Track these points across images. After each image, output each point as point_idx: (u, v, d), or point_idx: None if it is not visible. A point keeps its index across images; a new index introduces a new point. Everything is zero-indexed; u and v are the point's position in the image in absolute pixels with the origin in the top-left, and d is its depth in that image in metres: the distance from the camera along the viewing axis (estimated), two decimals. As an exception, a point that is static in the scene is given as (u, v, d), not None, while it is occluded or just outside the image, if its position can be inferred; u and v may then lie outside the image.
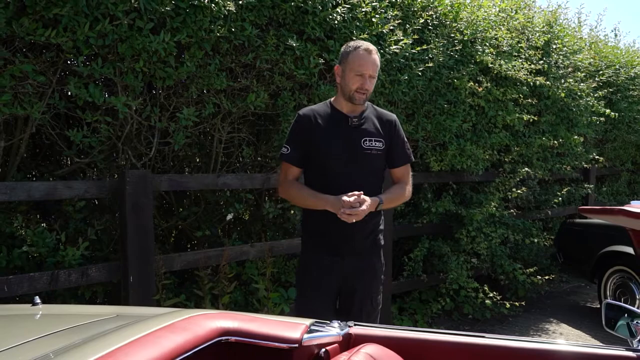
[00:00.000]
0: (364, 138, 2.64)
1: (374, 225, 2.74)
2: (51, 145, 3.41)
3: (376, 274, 2.79)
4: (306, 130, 2.65)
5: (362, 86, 2.57)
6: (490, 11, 5.28)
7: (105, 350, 1.32)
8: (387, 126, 2.73)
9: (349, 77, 2.59)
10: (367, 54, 2.57)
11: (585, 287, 6.75)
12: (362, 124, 2.66)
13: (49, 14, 2.65)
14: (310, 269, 2.74)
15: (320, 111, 2.70)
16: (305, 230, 2.81)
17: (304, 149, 2.66)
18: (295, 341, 1.61)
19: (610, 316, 1.91)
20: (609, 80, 7.31)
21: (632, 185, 8.72)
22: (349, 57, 2.59)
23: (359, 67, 2.55)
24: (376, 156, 2.67)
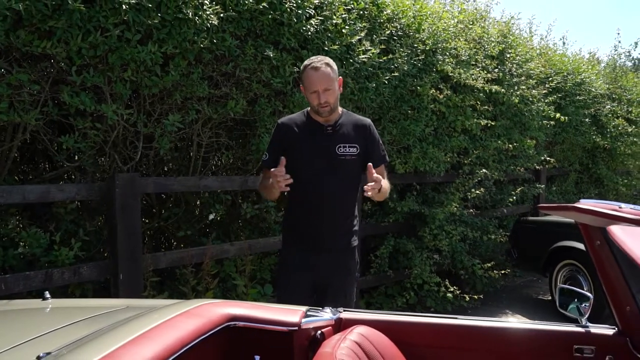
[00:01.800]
0: (338, 145, 2.76)
1: (349, 225, 2.88)
2: (40, 150, 3.54)
3: (350, 271, 2.89)
4: (284, 138, 2.80)
5: (319, 102, 2.67)
6: (449, 22, 5.62)
7: (136, 333, 1.53)
8: (361, 131, 2.84)
9: (308, 95, 2.73)
10: (313, 72, 2.67)
11: (537, 280, 7.17)
12: (337, 131, 2.78)
13: (45, 26, 2.80)
14: (288, 265, 2.89)
15: (297, 120, 2.84)
16: (284, 227, 2.98)
17: (280, 156, 2.69)
18: (294, 325, 1.85)
19: (563, 299, 2.21)
20: (558, 87, 7.79)
21: (579, 185, 9.25)
22: (302, 78, 2.74)
23: (310, 85, 2.67)
24: (351, 162, 2.78)
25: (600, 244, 1.95)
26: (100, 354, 1.36)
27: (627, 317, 1.93)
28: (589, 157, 9.20)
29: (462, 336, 2.04)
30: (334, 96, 2.72)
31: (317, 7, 4.10)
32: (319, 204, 2.76)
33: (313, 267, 2.80)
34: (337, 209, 2.80)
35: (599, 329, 1.98)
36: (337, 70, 2.77)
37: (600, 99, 8.84)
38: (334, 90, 2.71)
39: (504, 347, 2.00)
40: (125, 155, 3.55)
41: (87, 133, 3.21)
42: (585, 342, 1.94)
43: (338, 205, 2.82)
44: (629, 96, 9.72)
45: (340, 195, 2.81)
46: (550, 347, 1.97)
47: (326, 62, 2.72)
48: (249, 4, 3.61)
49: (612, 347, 1.93)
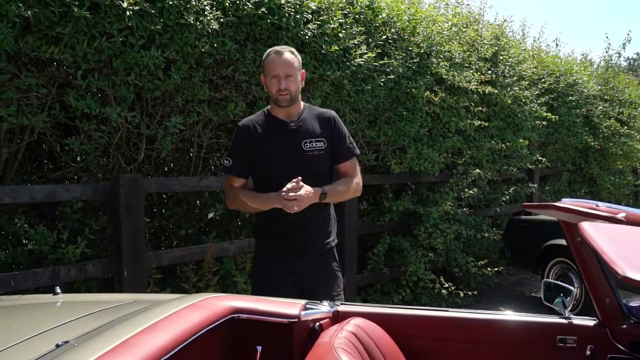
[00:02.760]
0: (304, 140, 2.63)
1: (325, 225, 2.76)
2: (44, 152, 3.65)
3: (333, 274, 2.78)
4: (246, 140, 2.67)
5: (279, 87, 2.55)
6: (443, 26, 5.75)
7: (147, 323, 1.64)
8: (326, 124, 2.71)
9: (268, 82, 2.61)
10: (277, 56, 2.57)
11: (530, 278, 7.30)
12: (300, 126, 2.65)
13: (52, 32, 2.91)
14: (265, 272, 2.74)
15: (258, 120, 2.71)
16: (258, 234, 2.85)
17: (246, 160, 2.68)
18: (294, 317, 1.97)
19: (548, 294, 2.33)
20: (550, 88, 7.94)
21: (572, 184, 9.40)
22: (264, 64, 2.62)
23: (272, 70, 2.56)
24: (319, 157, 2.66)
25: (580, 240, 2.07)
26: (115, 342, 1.47)
27: (607, 309, 2.06)
28: (582, 157, 9.35)
29: (452, 328, 2.16)
30: (296, 85, 2.61)
31: (315, 12, 4.22)
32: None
33: (293, 274, 2.66)
34: (308, 209, 2.53)
35: (580, 320, 2.11)
36: (300, 62, 2.67)
37: (593, 99, 8.99)
38: (296, 78, 2.61)
39: (493, 338, 2.12)
40: (128, 156, 3.66)
41: (92, 135, 3.32)
42: (568, 333, 2.06)
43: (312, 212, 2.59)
44: (620, 97, 9.88)
45: None
46: (535, 337, 2.09)
47: (290, 49, 2.64)
48: (248, 9, 3.72)
49: (593, 337, 2.05)
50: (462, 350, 2.16)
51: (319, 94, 4.30)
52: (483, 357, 2.14)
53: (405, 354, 2.06)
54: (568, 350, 2.05)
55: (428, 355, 2.15)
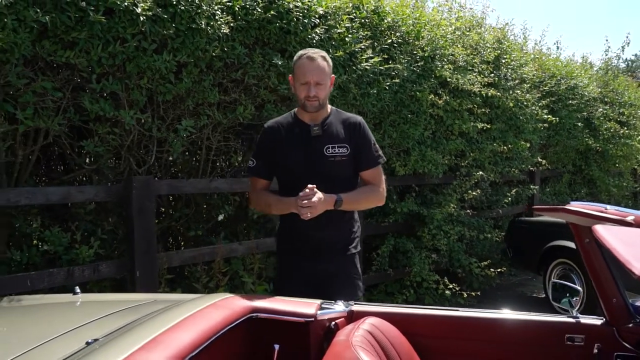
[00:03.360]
0: (327, 145, 2.59)
1: (347, 231, 2.73)
2: (55, 154, 3.71)
3: (352, 281, 2.73)
4: (270, 142, 2.67)
5: (308, 94, 2.51)
6: (447, 29, 5.82)
7: (173, 322, 1.70)
8: (351, 130, 2.66)
9: (297, 87, 2.56)
10: (309, 62, 2.51)
11: (531, 279, 7.36)
12: (325, 131, 2.62)
13: (68, 37, 2.97)
14: (286, 275, 2.76)
15: (284, 122, 2.70)
16: (279, 235, 2.85)
17: (269, 161, 2.67)
18: (311, 316, 2.03)
19: (556, 294, 2.40)
20: (551, 91, 8.01)
21: (573, 186, 9.46)
22: (295, 68, 2.57)
23: (302, 76, 2.51)
24: (341, 163, 2.61)
25: (589, 242, 2.14)
26: (145, 339, 1.53)
27: (614, 309, 2.12)
28: (582, 159, 9.41)
29: (463, 327, 2.23)
30: (325, 92, 2.57)
31: (322, 17, 4.28)
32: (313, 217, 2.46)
33: (313, 277, 2.65)
34: (330, 214, 2.51)
35: (588, 319, 2.17)
36: (331, 66, 2.63)
37: (593, 102, 9.06)
38: (326, 85, 2.57)
39: (503, 337, 2.18)
40: (139, 159, 3.71)
41: (105, 137, 3.37)
42: (575, 332, 2.12)
43: (333, 217, 2.57)
44: (620, 99, 9.95)
45: None
46: (544, 335, 2.16)
47: (323, 55, 2.58)
48: (258, 13, 3.79)
49: (600, 336, 2.11)
50: (472, 348, 2.22)
51: (326, 97, 4.36)
52: (493, 355, 2.20)
53: (417, 352, 2.12)
54: (576, 349, 2.11)
55: (439, 353, 2.21)
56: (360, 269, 2.82)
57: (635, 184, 11.22)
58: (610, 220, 1.82)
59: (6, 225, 3.27)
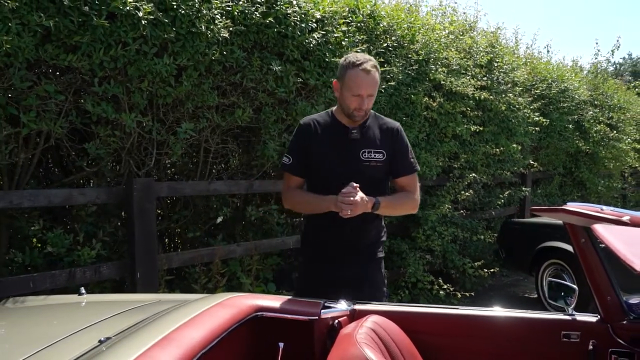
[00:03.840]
0: (363, 150, 2.55)
1: (374, 236, 2.71)
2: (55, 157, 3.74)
3: (378, 286, 2.71)
4: (306, 139, 2.61)
5: (359, 107, 2.47)
6: (441, 33, 5.90)
7: (182, 320, 1.75)
8: (388, 135, 2.62)
9: (346, 96, 2.48)
10: (364, 75, 2.42)
11: (523, 280, 7.45)
12: (363, 135, 2.58)
13: (71, 41, 3.01)
14: (310, 278, 2.74)
15: (320, 121, 2.64)
16: (305, 240, 2.80)
17: (304, 159, 2.62)
18: (315, 314, 2.08)
19: (552, 293, 2.46)
20: (543, 94, 8.13)
21: (563, 188, 9.58)
22: (346, 76, 2.46)
23: (357, 88, 2.43)
24: (376, 168, 2.58)
25: (585, 242, 2.21)
26: (157, 337, 1.58)
27: (608, 306, 2.19)
28: (572, 161, 9.53)
29: (463, 324, 2.29)
30: (372, 102, 2.53)
31: (319, 21, 4.35)
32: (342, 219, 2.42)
33: (337, 281, 2.59)
34: (361, 218, 2.48)
35: (583, 316, 2.24)
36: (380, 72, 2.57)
37: (583, 105, 9.19)
38: (375, 95, 2.53)
39: (501, 334, 2.25)
40: (138, 161, 3.75)
41: (107, 140, 3.41)
42: (571, 329, 2.19)
43: (362, 214, 2.50)
44: (610, 102, 10.09)
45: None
46: (542, 332, 2.23)
47: (375, 64, 2.49)
48: (256, 18, 3.84)
49: (595, 333, 2.19)
50: (471, 345, 2.28)
51: (323, 100, 4.43)
52: (491, 351, 2.27)
53: (418, 349, 2.18)
54: (572, 345, 2.18)
55: (439, 350, 2.27)
56: (384, 274, 2.80)
57: (624, 186, 11.37)
58: (607, 220, 1.89)
59: (8, 227, 3.30)
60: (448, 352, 2.28)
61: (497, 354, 2.26)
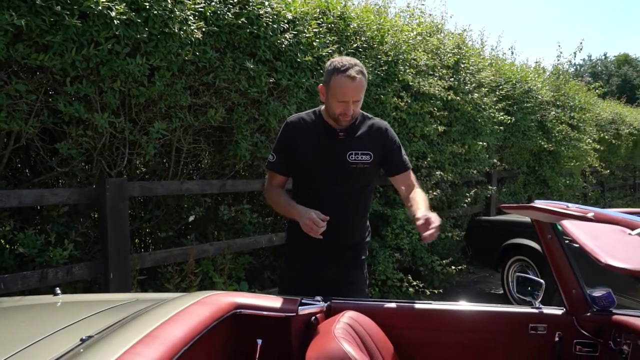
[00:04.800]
0: (350, 152, 2.54)
1: (357, 237, 2.73)
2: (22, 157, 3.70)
3: (360, 288, 2.72)
4: (292, 138, 2.60)
5: (345, 112, 2.43)
6: (409, 35, 6.00)
7: (163, 319, 1.78)
8: (376, 136, 2.61)
9: (332, 102, 2.44)
10: (349, 81, 2.36)
11: (489, 276, 7.64)
12: (349, 137, 2.56)
13: (43, 40, 2.99)
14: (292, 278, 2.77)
15: (307, 120, 2.61)
16: (288, 237, 2.81)
17: (288, 158, 2.61)
18: (292, 311, 2.13)
19: (520, 287, 2.57)
20: (507, 94, 8.32)
21: (527, 186, 9.82)
22: (332, 82, 2.41)
23: (342, 95, 2.39)
24: (363, 170, 2.57)
25: (551, 238, 2.32)
26: (140, 334, 1.60)
27: (573, 299, 2.31)
28: (536, 160, 9.78)
29: (434, 318, 2.37)
30: (359, 106, 2.49)
31: (291, 22, 4.39)
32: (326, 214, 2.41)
33: (318, 282, 2.62)
34: (345, 219, 2.55)
35: (550, 309, 2.35)
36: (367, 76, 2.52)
37: (546, 105, 9.44)
38: (361, 100, 2.47)
39: (471, 327, 2.34)
40: (110, 161, 3.73)
41: (79, 140, 3.39)
42: (538, 321, 2.30)
43: (347, 216, 2.59)
44: (571, 103, 10.39)
45: (350, 205, 2.62)
46: (510, 325, 2.33)
47: (361, 69, 2.43)
48: (229, 18, 3.87)
49: (561, 324, 2.30)
50: (443, 338, 2.37)
51: (295, 100, 4.47)
52: (462, 344, 2.36)
53: (392, 343, 2.25)
54: (539, 337, 2.29)
55: (412, 344, 2.35)
56: (366, 275, 2.81)
57: (585, 185, 11.72)
58: (574, 216, 2.00)
59: (-23, 228, 3.26)
60: (421, 345, 2.36)
61: (468, 346, 2.35)
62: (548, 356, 2.29)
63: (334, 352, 1.78)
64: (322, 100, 2.56)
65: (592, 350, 2.27)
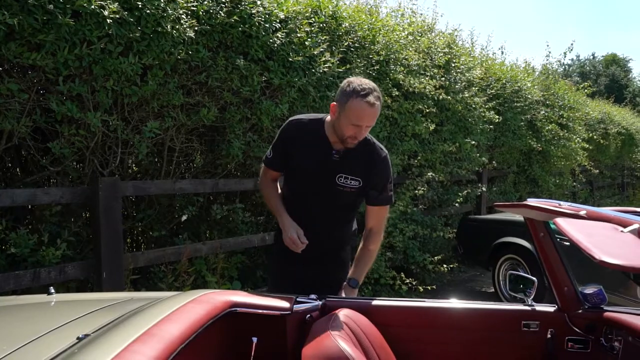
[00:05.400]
0: (340, 174, 2.54)
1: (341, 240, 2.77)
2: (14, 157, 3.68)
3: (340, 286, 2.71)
4: (290, 140, 2.60)
5: (355, 136, 2.40)
6: (400, 34, 6.03)
7: (160, 316, 1.78)
8: (371, 164, 2.58)
9: (344, 123, 2.38)
10: (368, 107, 2.33)
11: (480, 275, 7.69)
12: (344, 159, 2.54)
13: (35, 39, 2.98)
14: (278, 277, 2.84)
15: (310, 127, 2.58)
16: (276, 235, 2.82)
17: (283, 157, 2.65)
18: (288, 309, 2.14)
19: (512, 285, 2.59)
20: (497, 93, 8.38)
21: (517, 185, 9.89)
22: (348, 104, 2.35)
23: (357, 119, 2.34)
24: (349, 194, 2.58)
25: (544, 236, 2.35)
26: (137, 332, 1.61)
27: (565, 297, 2.33)
28: (525, 159, 9.85)
29: (429, 316, 2.39)
30: (368, 130, 2.47)
31: (283, 21, 4.40)
32: (309, 225, 2.56)
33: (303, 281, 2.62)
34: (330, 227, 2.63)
35: (542, 307, 2.38)
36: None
37: (536, 105, 9.51)
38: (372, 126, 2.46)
39: (465, 324, 2.36)
40: (102, 160, 3.72)
41: (71, 139, 3.38)
42: (531, 318, 2.33)
43: (328, 230, 2.66)
44: (560, 102, 10.46)
45: (334, 221, 2.68)
46: (503, 322, 2.35)
47: (379, 96, 2.43)
48: (221, 17, 3.87)
49: (553, 322, 2.32)
50: (437, 335, 2.39)
51: (287, 99, 4.47)
52: (455, 341, 2.38)
53: (387, 340, 2.27)
54: (531, 334, 2.31)
55: (406, 341, 2.37)
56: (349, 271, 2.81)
57: (574, 184, 11.81)
58: (567, 215, 2.02)
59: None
60: (415, 342, 2.38)
61: (462, 343, 2.37)
62: (540, 353, 2.32)
63: (331, 350, 1.79)
64: (332, 118, 2.51)
65: (584, 347, 2.30)
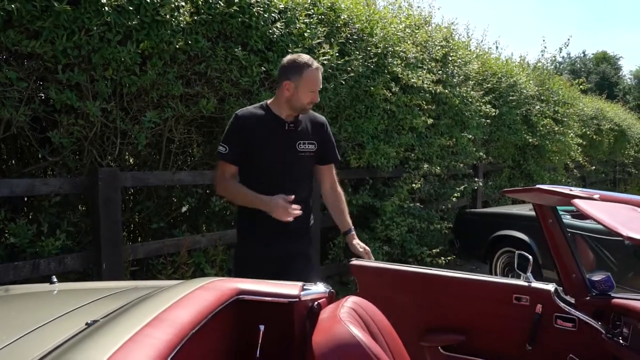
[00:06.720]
0: (299, 141, 2.79)
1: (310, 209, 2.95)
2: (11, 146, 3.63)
3: (310, 259, 2.94)
4: (244, 131, 2.73)
5: (313, 100, 2.76)
6: (398, 27, 6.01)
7: (168, 303, 1.75)
8: (318, 127, 2.90)
9: (303, 93, 2.70)
10: (317, 72, 2.73)
11: (476, 269, 7.67)
12: (297, 128, 2.81)
13: (33, 26, 2.94)
14: (247, 263, 2.87)
15: (258, 114, 2.78)
16: (240, 226, 2.92)
17: (241, 149, 2.73)
18: (295, 297, 2.12)
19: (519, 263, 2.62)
20: (493, 87, 8.39)
21: (512, 180, 9.92)
22: (304, 75, 2.69)
23: (313, 85, 2.71)
24: (308, 158, 2.84)
25: (552, 222, 2.36)
26: (148, 318, 1.58)
27: (573, 283, 2.35)
28: (520, 154, 9.87)
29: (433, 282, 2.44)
30: None
31: (282, 12, 4.37)
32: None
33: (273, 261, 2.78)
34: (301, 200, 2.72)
35: (537, 284, 2.45)
36: None
37: (531, 99, 9.53)
38: None
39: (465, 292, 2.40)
40: (101, 151, 3.68)
41: (70, 129, 3.34)
42: (523, 293, 2.39)
43: (302, 197, 2.78)
44: (555, 98, 10.50)
45: (303, 188, 2.84)
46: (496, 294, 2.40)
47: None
48: (220, 7, 3.84)
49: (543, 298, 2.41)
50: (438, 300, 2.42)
51: (286, 90, 4.44)
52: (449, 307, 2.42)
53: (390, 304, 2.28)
54: (522, 307, 2.37)
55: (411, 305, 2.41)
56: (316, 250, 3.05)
57: (568, 180, 11.86)
58: (581, 197, 2.02)
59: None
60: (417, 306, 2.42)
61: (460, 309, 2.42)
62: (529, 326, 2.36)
63: (342, 335, 1.78)
64: (286, 95, 2.73)
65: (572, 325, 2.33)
